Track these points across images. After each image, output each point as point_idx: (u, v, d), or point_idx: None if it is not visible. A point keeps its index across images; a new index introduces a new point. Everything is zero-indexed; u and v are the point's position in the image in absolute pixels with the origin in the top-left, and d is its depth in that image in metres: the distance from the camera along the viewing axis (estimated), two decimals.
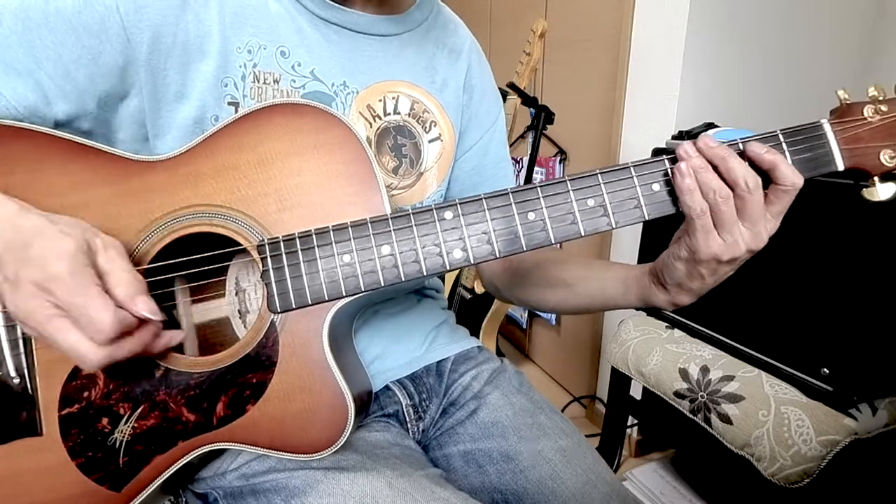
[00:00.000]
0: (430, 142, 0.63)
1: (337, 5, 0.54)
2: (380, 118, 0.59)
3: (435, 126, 0.63)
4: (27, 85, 0.45)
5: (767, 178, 0.43)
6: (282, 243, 0.46)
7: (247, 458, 0.52)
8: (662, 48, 1.26)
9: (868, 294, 0.79)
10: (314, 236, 0.45)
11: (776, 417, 0.84)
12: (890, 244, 0.76)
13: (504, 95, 1.49)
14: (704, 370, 0.97)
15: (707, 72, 1.25)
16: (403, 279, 0.45)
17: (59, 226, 0.40)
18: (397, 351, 0.63)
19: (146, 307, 0.40)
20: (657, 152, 1.13)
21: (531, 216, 0.45)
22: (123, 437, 0.46)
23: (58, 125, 0.48)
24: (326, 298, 0.45)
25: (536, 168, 1.68)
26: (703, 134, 0.45)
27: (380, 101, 0.59)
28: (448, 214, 0.45)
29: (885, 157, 0.44)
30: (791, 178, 0.42)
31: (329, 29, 0.55)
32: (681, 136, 1.10)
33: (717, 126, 1.08)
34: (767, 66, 1.31)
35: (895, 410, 0.83)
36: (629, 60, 1.36)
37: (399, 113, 0.60)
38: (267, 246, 0.46)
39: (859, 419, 0.80)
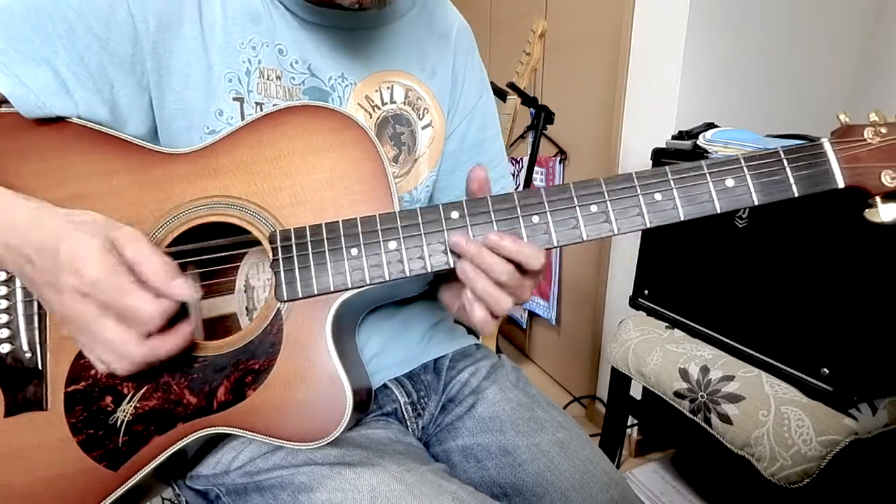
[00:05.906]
0: (423, 128, 0.63)
1: (320, 8, 0.54)
2: (378, 108, 0.59)
3: (427, 113, 0.63)
4: (47, 73, 0.46)
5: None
6: (293, 234, 0.47)
7: (250, 456, 0.51)
8: (662, 48, 1.26)
9: (868, 294, 0.79)
10: (324, 229, 0.47)
11: (776, 417, 0.84)
12: (889, 244, 0.76)
13: (504, 95, 1.49)
14: (704, 370, 0.97)
15: (707, 72, 1.25)
16: (408, 274, 0.46)
17: (79, 225, 0.41)
18: (395, 349, 0.63)
19: (182, 289, 0.41)
20: (657, 152, 1.13)
21: (535, 219, 0.46)
22: (125, 416, 0.47)
23: (79, 118, 0.48)
24: (332, 289, 0.46)
25: (536, 168, 1.67)
26: (487, 236, 0.44)
27: (376, 91, 0.59)
28: (455, 214, 0.46)
29: (887, 178, 0.45)
30: (531, 258, 0.44)
31: (318, 29, 0.55)
32: (681, 135, 1.10)
33: (717, 126, 1.08)
34: (768, 66, 1.31)
35: (895, 410, 0.83)
36: (629, 60, 1.36)
37: (395, 102, 0.61)
38: (278, 236, 0.47)
39: (859, 419, 0.80)
